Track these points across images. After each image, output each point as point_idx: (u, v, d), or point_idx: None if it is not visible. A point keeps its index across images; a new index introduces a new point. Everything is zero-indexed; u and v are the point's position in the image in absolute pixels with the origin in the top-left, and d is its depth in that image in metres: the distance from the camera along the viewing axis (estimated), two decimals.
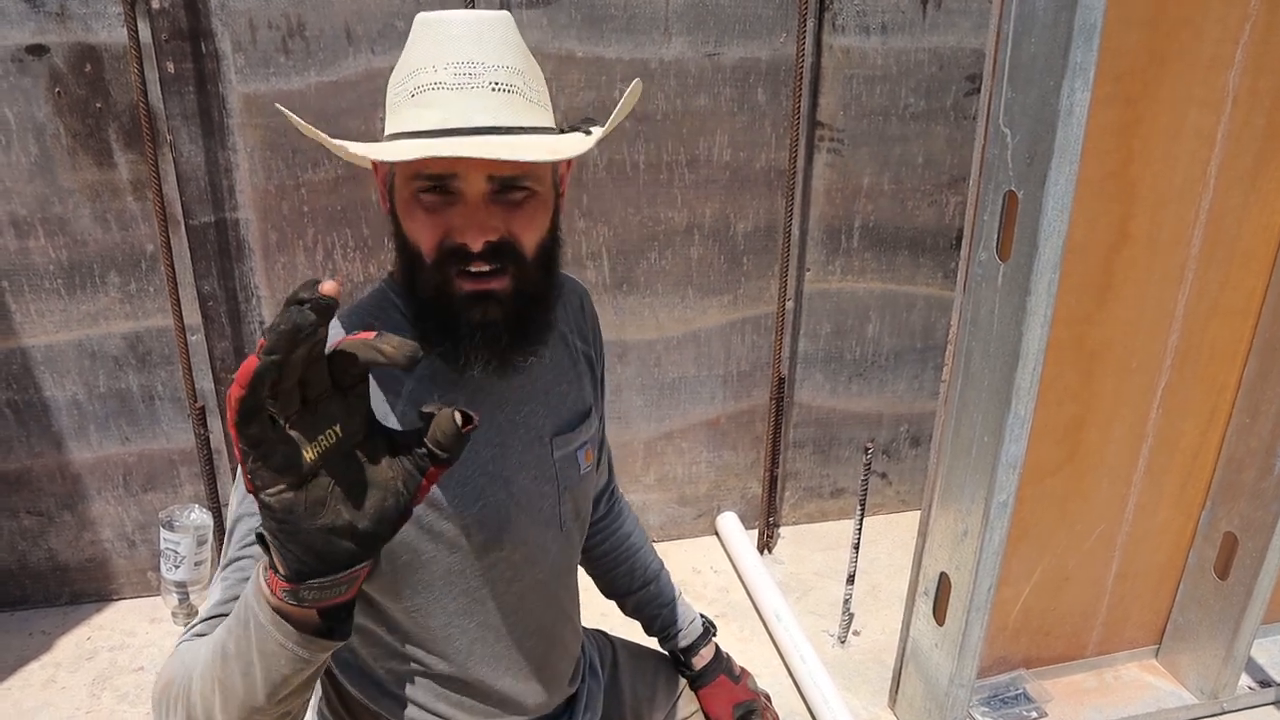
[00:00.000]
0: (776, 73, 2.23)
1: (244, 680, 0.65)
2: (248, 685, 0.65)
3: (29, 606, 2.31)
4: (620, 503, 1.31)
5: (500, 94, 0.81)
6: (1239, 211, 1.64)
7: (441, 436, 0.60)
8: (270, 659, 0.63)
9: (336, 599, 0.61)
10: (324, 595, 0.60)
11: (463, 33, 0.81)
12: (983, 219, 1.53)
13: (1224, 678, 1.91)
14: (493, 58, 0.81)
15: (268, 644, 0.63)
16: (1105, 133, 1.49)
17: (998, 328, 1.52)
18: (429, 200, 0.82)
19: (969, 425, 1.62)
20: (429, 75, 0.81)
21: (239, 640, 0.64)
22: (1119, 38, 1.43)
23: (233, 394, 0.52)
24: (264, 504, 0.56)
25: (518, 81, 0.83)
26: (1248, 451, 1.79)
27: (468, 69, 0.80)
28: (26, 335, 2.07)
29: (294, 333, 0.51)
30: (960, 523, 1.68)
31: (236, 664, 0.65)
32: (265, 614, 0.62)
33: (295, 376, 0.54)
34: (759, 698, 1.28)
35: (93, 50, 1.89)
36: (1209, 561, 1.90)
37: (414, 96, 0.81)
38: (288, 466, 0.55)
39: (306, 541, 0.57)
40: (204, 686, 0.68)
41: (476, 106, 0.80)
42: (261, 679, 0.64)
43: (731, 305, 2.45)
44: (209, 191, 2.03)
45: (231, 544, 0.81)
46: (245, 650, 0.64)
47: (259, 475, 0.55)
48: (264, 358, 0.51)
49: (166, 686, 0.73)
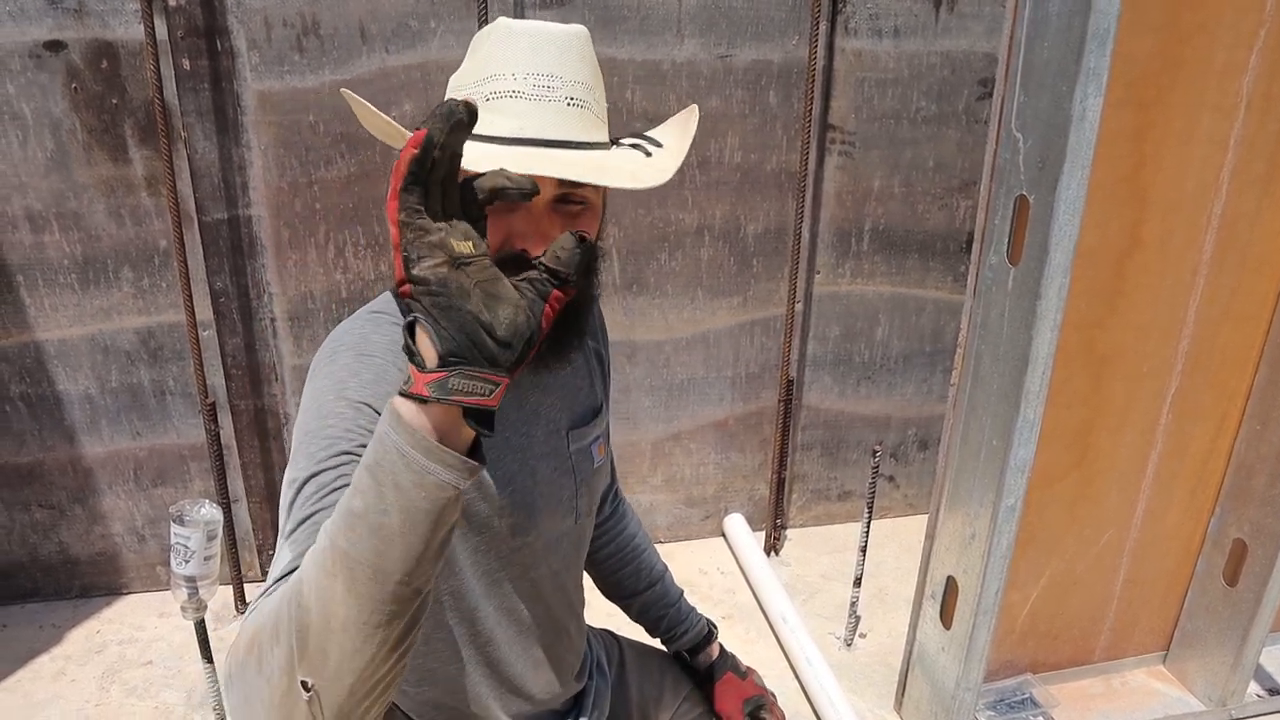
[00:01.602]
0: (788, 75, 2.23)
1: (375, 539, 0.61)
2: (381, 544, 0.61)
3: (39, 599, 2.32)
4: (624, 504, 1.32)
5: (574, 109, 0.82)
6: (1251, 217, 1.63)
7: (561, 253, 0.63)
8: (409, 494, 0.60)
9: (482, 399, 0.60)
10: (471, 388, 0.60)
11: (546, 45, 0.82)
12: (994, 223, 1.53)
13: (1232, 685, 1.90)
14: (570, 73, 0.83)
15: (406, 475, 0.60)
16: (1117, 137, 1.49)
17: (1008, 332, 1.52)
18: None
19: (978, 429, 1.62)
20: (507, 83, 0.81)
21: (367, 494, 0.61)
22: (1132, 43, 1.42)
23: (404, 155, 0.56)
24: (419, 278, 0.58)
25: (589, 98, 0.84)
26: (1258, 458, 1.79)
27: (547, 82, 0.81)
28: (40, 329, 2.08)
29: (449, 115, 0.56)
30: (968, 526, 1.68)
31: (365, 525, 0.61)
32: (406, 436, 0.60)
33: (441, 172, 0.58)
34: (767, 692, 1.29)
35: (109, 47, 1.90)
36: (1218, 568, 1.90)
37: (488, 100, 0.82)
38: (442, 244, 0.58)
39: (458, 320, 0.59)
40: (320, 579, 0.62)
41: (552, 120, 0.81)
42: (398, 525, 0.60)
43: (741, 307, 2.45)
44: (222, 188, 2.04)
45: (298, 505, 0.76)
46: (377, 500, 0.61)
47: (416, 246, 0.58)
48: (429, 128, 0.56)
49: (253, 640, 0.67)
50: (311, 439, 0.79)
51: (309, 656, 0.62)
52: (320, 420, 0.80)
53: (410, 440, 0.60)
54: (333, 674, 0.62)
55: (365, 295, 2.19)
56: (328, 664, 0.62)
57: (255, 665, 0.65)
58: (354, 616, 0.61)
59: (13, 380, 2.11)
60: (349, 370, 0.83)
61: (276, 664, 0.64)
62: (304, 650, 0.62)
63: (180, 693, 2.03)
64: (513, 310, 0.61)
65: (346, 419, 0.80)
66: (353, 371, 0.83)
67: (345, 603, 0.61)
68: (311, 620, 0.62)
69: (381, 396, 0.82)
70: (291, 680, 0.63)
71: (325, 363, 0.86)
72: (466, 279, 0.59)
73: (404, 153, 0.56)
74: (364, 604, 0.61)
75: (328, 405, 0.81)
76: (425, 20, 2.00)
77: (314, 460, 0.78)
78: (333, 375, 0.83)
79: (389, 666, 0.65)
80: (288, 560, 0.73)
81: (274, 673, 0.64)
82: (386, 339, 0.87)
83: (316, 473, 0.77)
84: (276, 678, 0.64)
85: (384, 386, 0.83)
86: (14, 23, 1.85)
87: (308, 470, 0.77)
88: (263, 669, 0.65)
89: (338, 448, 0.78)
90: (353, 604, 0.61)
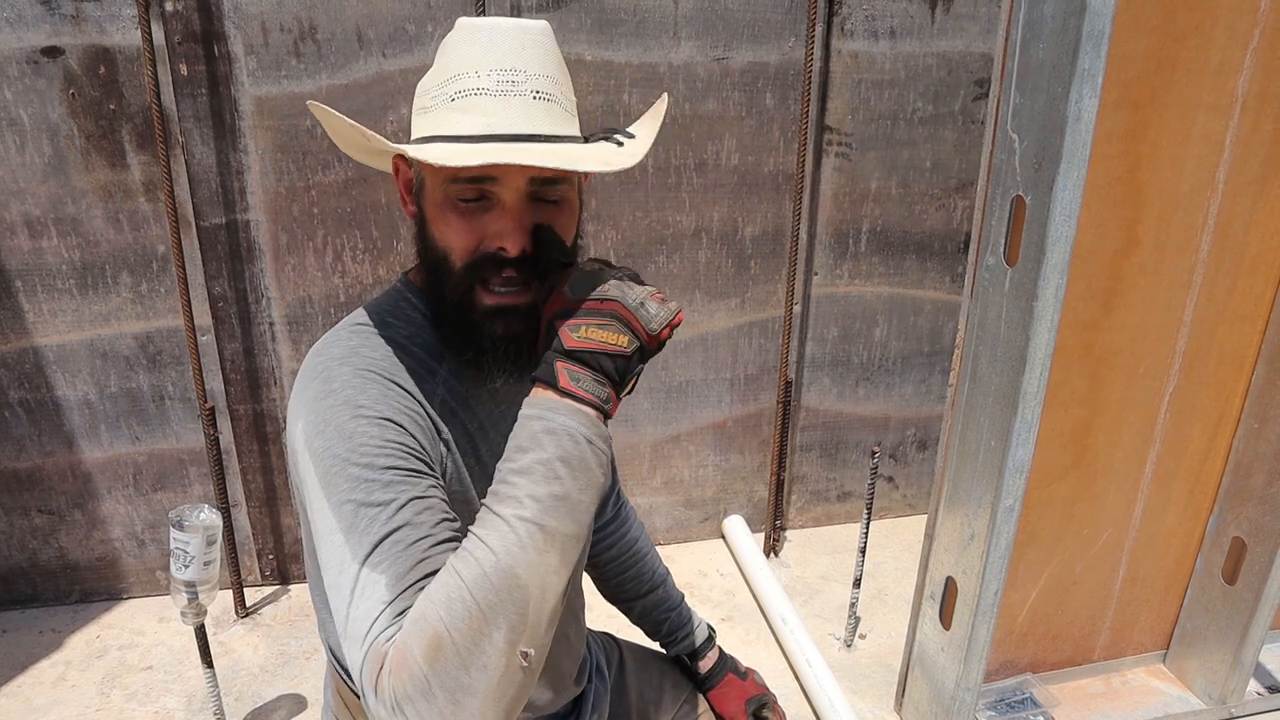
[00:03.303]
0: (785, 77, 2.23)
1: (578, 513, 0.76)
2: (582, 516, 0.76)
3: (39, 605, 2.32)
4: (626, 508, 1.31)
5: (540, 102, 0.82)
6: (1247, 217, 1.64)
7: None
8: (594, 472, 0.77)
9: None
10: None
11: (506, 40, 0.82)
12: (990, 224, 1.53)
13: (1232, 683, 1.90)
14: (534, 66, 0.82)
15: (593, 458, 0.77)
16: (1113, 138, 1.50)
17: (1005, 332, 1.52)
18: (464, 205, 0.83)
19: (976, 429, 1.62)
20: (471, 80, 0.81)
21: (566, 481, 0.75)
22: (1127, 44, 1.43)
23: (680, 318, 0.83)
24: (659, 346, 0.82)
25: (556, 91, 0.84)
26: (1256, 456, 1.79)
27: (510, 76, 0.81)
28: (39, 335, 2.08)
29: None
30: (967, 527, 1.68)
31: (568, 506, 0.75)
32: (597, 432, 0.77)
33: None
34: (768, 692, 1.29)
35: (107, 52, 1.90)
36: (1217, 566, 1.90)
37: (454, 100, 0.82)
38: None
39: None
40: (533, 559, 0.72)
41: (518, 114, 0.81)
42: (590, 498, 0.77)
43: (739, 309, 2.45)
44: (220, 193, 2.04)
45: (366, 526, 0.76)
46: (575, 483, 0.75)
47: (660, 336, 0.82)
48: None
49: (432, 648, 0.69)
50: (347, 461, 0.78)
51: (529, 628, 0.71)
52: (348, 441, 0.79)
53: (598, 433, 0.77)
54: (545, 633, 0.73)
55: (364, 299, 2.20)
56: (541, 626, 0.72)
57: (458, 663, 0.69)
58: (563, 580, 0.74)
59: (12, 386, 2.11)
60: (354, 388, 0.82)
61: (494, 649, 0.70)
62: (524, 624, 0.71)
63: (180, 698, 2.03)
64: None
65: (375, 436, 0.79)
66: (358, 389, 0.82)
67: (559, 571, 0.73)
68: (530, 595, 0.71)
69: (396, 410, 0.82)
70: (511, 657, 0.70)
71: (319, 380, 0.84)
72: None
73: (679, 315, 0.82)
74: (569, 566, 0.75)
75: (348, 425, 0.80)
76: (422, 24, 2.00)
77: (361, 481, 0.77)
78: (337, 394, 0.82)
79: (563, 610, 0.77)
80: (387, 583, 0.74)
81: (489, 659, 0.70)
82: (378, 354, 0.86)
83: (372, 492, 0.77)
84: (494, 661, 0.70)
85: (393, 402, 0.83)
86: (11, 29, 1.85)
87: (360, 492, 0.77)
88: (474, 661, 0.69)
89: (380, 464, 0.78)
90: (563, 570, 0.74)
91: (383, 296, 0.96)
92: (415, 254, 0.92)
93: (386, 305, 0.93)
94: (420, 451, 0.82)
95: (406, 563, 0.74)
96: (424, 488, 0.79)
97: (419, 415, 0.84)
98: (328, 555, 0.78)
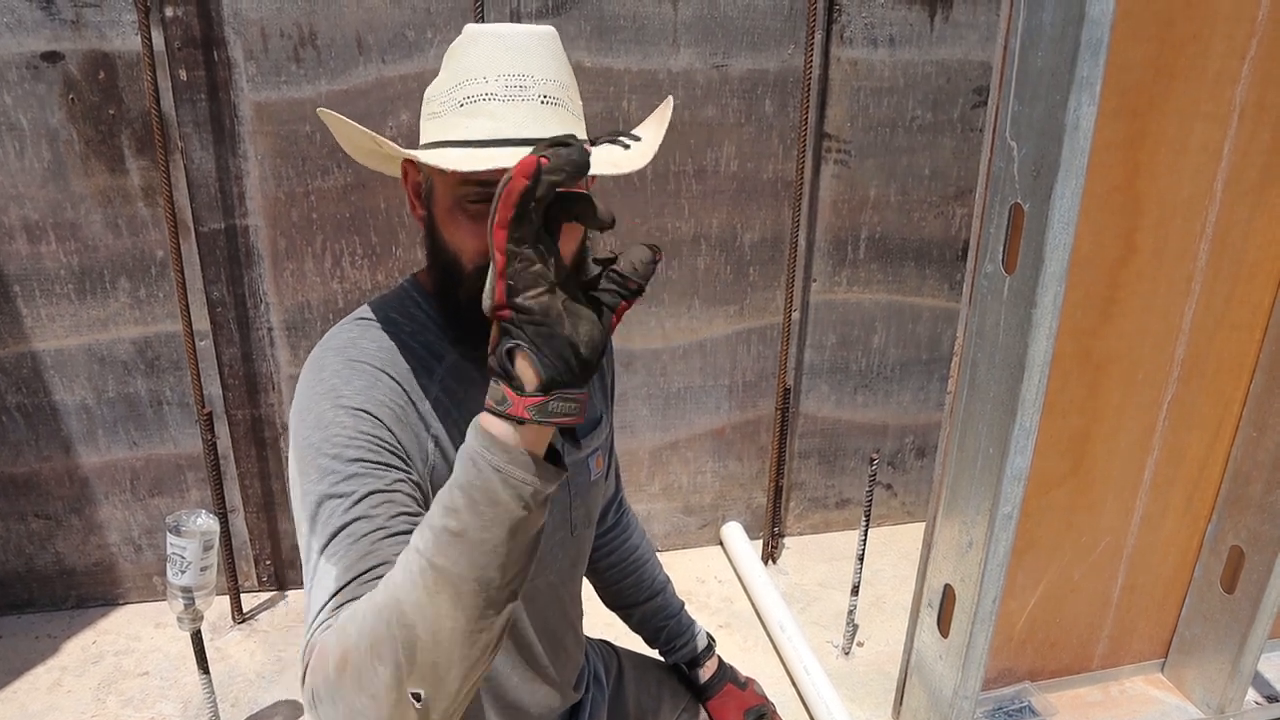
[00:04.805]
0: (784, 84, 2.24)
1: (478, 554, 0.64)
2: (484, 557, 0.64)
3: (35, 610, 2.32)
4: (628, 514, 1.31)
5: (548, 107, 0.82)
6: (1245, 225, 1.64)
7: (639, 264, 0.65)
8: (507, 507, 0.64)
9: (574, 417, 0.64)
10: (566, 409, 0.63)
11: (514, 46, 0.82)
12: (989, 231, 1.53)
13: (1230, 692, 1.90)
14: (541, 71, 0.83)
15: (503, 491, 0.63)
16: (1111, 146, 1.50)
17: (1003, 340, 1.52)
18: (475, 208, 0.83)
19: (974, 437, 1.62)
20: (479, 86, 0.81)
21: (463, 514, 0.64)
22: (1125, 52, 1.43)
23: (514, 185, 0.57)
24: (523, 307, 0.60)
25: (563, 95, 0.84)
26: (1255, 465, 1.79)
27: (519, 81, 0.81)
28: (37, 339, 2.08)
29: (580, 166, 0.58)
30: (965, 534, 1.68)
31: (464, 543, 0.64)
32: (502, 455, 0.63)
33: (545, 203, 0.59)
34: (768, 701, 1.29)
35: (107, 58, 1.91)
36: (1215, 575, 1.90)
37: (463, 106, 0.82)
38: (544, 273, 0.60)
39: (557, 347, 0.61)
40: (421, 599, 0.64)
41: (527, 118, 0.81)
42: (499, 537, 0.64)
43: (737, 315, 2.45)
44: (219, 198, 2.04)
45: (324, 519, 0.76)
46: (475, 518, 0.64)
47: (521, 276, 0.60)
48: (546, 172, 0.57)
49: (343, 660, 0.67)
50: (318, 451, 0.80)
51: (419, 670, 0.65)
52: (323, 431, 0.80)
53: (508, 458, 0.63)
54: (442, 680, 0.66)
55: (362, 304, 2.19)
56: (438, 673, 0.66)
57: (354, 684, 0.67)
58: (461, 626, 0.65)
59: (9, 390, 2.11)
60: (340, 378, 0.84)
61: (382, 682, 0.66)
62: (413, 665, 0.65)
63: (177, 703, 2.02)
64: (589, 326, 0.63)
65: (348, 427, 0.80)
66: (344, 379, 0.83)
67: (453, 616, 0.64)
68: (419, 636, 0.65)
69: (375, 403, 0.82)
70: (401, 694, 0.65)
71: (314, 370, 0.86)
72: (559, 302, 0.61)
73: (514, 182, 0.57)
74: (470, 614, 0.65)
75: (326, 415, 0.81)
76: (422, 30, 2.01)
77: (328, 472, 0.78)
78: (324, 383, 0.84)
79: (485, 662, 0.69)
80: (334, 577, 0.74)
81: (380, 690, 0.66)
82: (375, 345, 0.87)
83: (336, 483, 0.78)
84: (383, 694, 0.66)
85: (376, 394, 0.83)
86: (11, 34, 1.85)
87: (326, 483, 0.78)
88: (365, 687, 0.66)
89: (349, 454, 0.79)
90: (460, 616, 0.65)
91: (389, 294, 0.96)
92: (425, 257, 0.92)
93: (392, 302, 0.94)
94: (393, 445, 0.82)
95: (354, 555, 0.74)
96: (389, 481, 0.79)
97: (404, 408, 0.85)
98: (300, 543, 0.80)
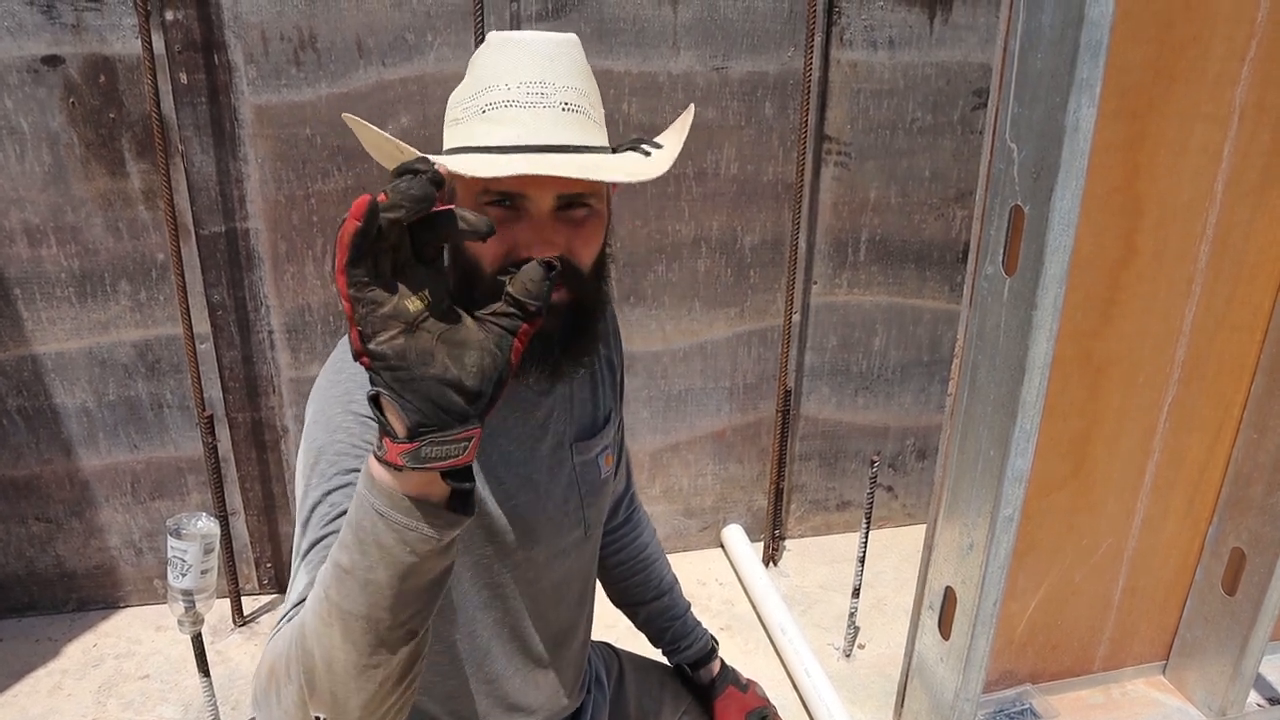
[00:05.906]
0: (784, 86, 2.24)
1: (365, 593, 0.62)
2: (371, 597, 0.62)
3: (36, 613, 2.32)
4: (639, 512, 1.31)
5: (570, 114, 0.83)
6: (1245, 227, 1.64)
7: (530, 284, 0.61)
8: (393, 551, 0.61)
9: (456, 459, 0.60)
10: (444, 453, 0.59)
11: (536, 53, 0.83)
12: (989, 233, 1.53)
13: (1232, 694, 1.89)
14: (563, 79, 0.83)
15: (388, 535, 0.60)
16: (1111, 148, 1.50)
17: (1004, 342, 1.52)
18: (495, 214, 0.83)
19: (975, 439, 1.62)
20: (501, 93, 0.82)
21: (352, 551, 0.62)
22: (1125, 54, 1.43)
23: (347, 229, 0.52)
24: (376, 353, 0.56)
25: (584, 103, 0.85)
26: (1255, 467, 1.79)
27: (541, 89, 0.82)
28: (37, 343, 2.08)
29: (420, 200, 0.53)
30: (966, 536, 1.67)
31: (353, 581, 0.62)
32: (383, 499, 0.60)
33: (391, 239, 0.55)
34: (769, 704, 1.28)
35: (107, 61, 1.91)
36: (1217, 577, 1.89)
37: (485, 113, 0.82)
38: (396, 312, 0.56)
39: (422, 390, 0.57)
40: (318, 628, 0.64)
41: (548, 125, 0.82)
42: (386, 579, 0.61)
43: (738, 317, 2.45)
44: (219, 201, 2.04)
45: (311, 526, 0.78)
46: (362, 557, 0.61)
47: (369, 321, 0.55)
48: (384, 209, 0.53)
49: (271, 670, 0.69)
50: (320, 453, 0.80)
51: (317, 695, 0.65)
52: (329, 434, 0.81)
53: (388, 503, 0.60)
54: (343, 709, 0.65)
55: None
56: (337, 701, 0.65)
57: (275, 696, 0.69)
58: (353, 660, 0.64)
59: (10, 394, 2.11)
60: (355, 381, 0.84)
61: (290, 699, 0.67)
62: (313, 690, 0.65)
63: (177, 707, 2.02)
64: (478, 355, 0.59)
65: (353, 434, 0.81)
66: (360, 384, 0.83)
67: (343, 649, 0.63)
68: (315, 664, 0.65)
69: None
70: (307, 715, 0.66)
71: (332, 370, 0.86)
72: (427, 338, 0.57)
73: (346, 224, 0.53)
74: (361, 649, 0.63)
75: (336, 418, 0.82)
76: (422, 34, 2.01)
77: (324, 479, 0.79)
78: (340, 385, 0.84)
79: (395, 697, 0.67)
80: (303, 586, 0.75)
81: (290, 707, 0.67)
82: None
83: (328, 492, 0.79)
84: (292, 712, 0.67)
85: None
86: (12, 38, 1.85)
87: (319, 490, 0.79)
88: (280, 702, 0.68)
89: (344, 464, 0.79)
90: (350, 650, 0.63)
91: None
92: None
93: None
94: None
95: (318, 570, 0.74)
96: None
97: None
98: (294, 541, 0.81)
